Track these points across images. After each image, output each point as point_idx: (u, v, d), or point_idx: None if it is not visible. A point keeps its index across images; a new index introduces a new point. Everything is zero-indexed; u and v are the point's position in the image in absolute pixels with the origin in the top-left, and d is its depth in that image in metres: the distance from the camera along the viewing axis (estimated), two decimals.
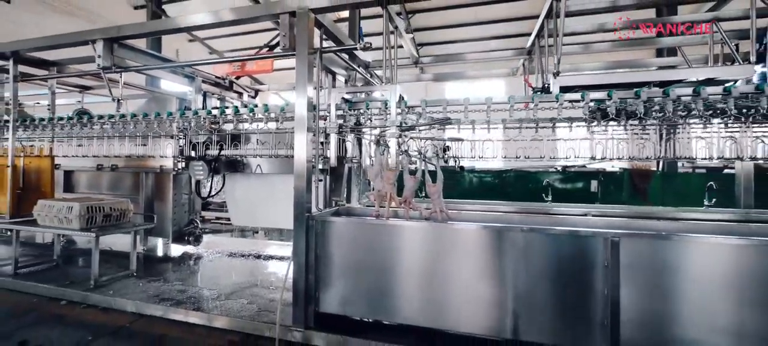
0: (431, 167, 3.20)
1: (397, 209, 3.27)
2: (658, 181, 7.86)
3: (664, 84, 3.17)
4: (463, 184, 8.21)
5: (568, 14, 3.07)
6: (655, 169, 8.22)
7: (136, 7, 15.65)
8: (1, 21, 12.61)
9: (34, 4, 12.85)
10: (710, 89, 2.90)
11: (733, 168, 5.82)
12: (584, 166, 8.41)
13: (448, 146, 4.06)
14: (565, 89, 3.10)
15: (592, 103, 2.97)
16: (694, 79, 3.08)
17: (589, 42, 5.96)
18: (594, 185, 8.17)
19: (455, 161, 4.19)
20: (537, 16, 4.15)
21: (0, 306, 3.79)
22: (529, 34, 5.06)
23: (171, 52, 14.34)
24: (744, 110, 3.00)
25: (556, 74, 2.91)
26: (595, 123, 3.23)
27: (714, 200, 4.61)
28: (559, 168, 8.55)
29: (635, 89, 2.86)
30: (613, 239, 2.58)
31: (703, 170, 8.09)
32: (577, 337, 2.64)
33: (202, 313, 3.49)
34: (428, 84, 17.91)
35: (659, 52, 8.62)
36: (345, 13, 6.11)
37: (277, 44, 4.52)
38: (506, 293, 2.76)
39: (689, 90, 2.88)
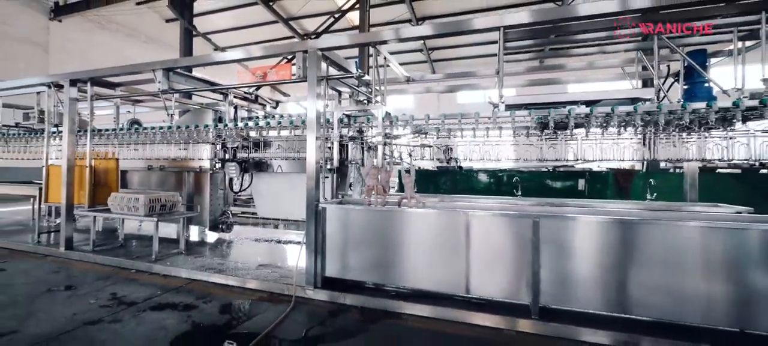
0: (409, 166, 4.22)
1: (387, 199, 4.28)
2: (640, 179, 8.58)
3: (590, 103, 4.09)
4: (461, 182, 9.12)
5: (508, 52, 4.10)
6: (638, 169, 8.92)
7: (167, 20, 17.16)
8: (54, 38, 14.27)
9: (82, 22, 14.45)
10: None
11: (716, 166, 6.57)
12: (572, 166, 9.22)
13: (450, 149, 5.04)
14: (510, 106, 4.07)
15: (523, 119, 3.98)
16: (608, 98, 3.99)
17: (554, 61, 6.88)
18: (581, 183, 8.97)
19: (456, 162, 5.18)
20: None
21: (89, 272, 5.03)
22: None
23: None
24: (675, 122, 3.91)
25: (501, 96, 3.88)
26: (543, 133, 4.25)
27: (655, 194, 5.46)
28: (550, 168, 9.36)
29: (553, 107, 3.81)
30: (535, 219, 3.54)
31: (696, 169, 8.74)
32: (512, 292, 3.61)
33: (238, 277, 4.61)
34: (440, 93, 18.88)
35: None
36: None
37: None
38: (461, 260, 3.74)
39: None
